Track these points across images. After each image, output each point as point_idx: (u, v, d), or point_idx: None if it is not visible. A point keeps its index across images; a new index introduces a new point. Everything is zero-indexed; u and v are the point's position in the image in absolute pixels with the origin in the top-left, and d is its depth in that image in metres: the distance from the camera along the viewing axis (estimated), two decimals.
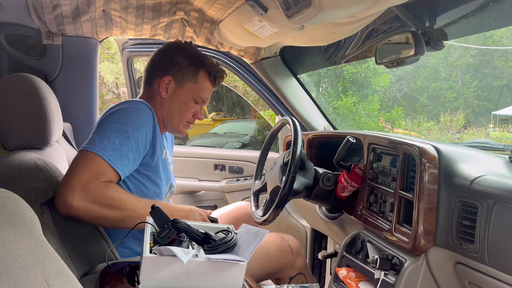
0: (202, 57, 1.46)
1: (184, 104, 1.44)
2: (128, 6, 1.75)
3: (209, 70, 1.46)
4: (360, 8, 1.16)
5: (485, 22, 1.49)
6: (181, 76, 1.43)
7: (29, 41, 1.88)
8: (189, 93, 1.44)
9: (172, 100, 1.43)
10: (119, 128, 1.22)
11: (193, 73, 1.44)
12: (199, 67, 1.45)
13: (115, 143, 1.19)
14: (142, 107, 1.31)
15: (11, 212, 0.54)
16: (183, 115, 1.45)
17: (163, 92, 1.42)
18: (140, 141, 1.26)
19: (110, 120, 1.25)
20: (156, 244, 1.00)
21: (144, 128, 1.27)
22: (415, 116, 11.61)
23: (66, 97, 1.85)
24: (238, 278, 0.99)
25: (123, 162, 1.21)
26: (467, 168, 1.08)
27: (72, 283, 0.56)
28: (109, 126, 1.23)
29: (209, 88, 1.48)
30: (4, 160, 1.16)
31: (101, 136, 1.20)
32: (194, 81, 1.44)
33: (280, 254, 1.59)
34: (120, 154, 1.20)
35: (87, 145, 1.19)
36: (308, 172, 1.46)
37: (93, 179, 1.13)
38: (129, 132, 1.23)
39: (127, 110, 1.28)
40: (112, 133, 1.20)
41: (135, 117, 1.26)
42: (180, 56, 1.43)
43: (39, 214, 1.09)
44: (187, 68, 1.43)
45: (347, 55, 1.99)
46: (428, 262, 1.10)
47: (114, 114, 1.27)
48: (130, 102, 1.32)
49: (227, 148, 5.62)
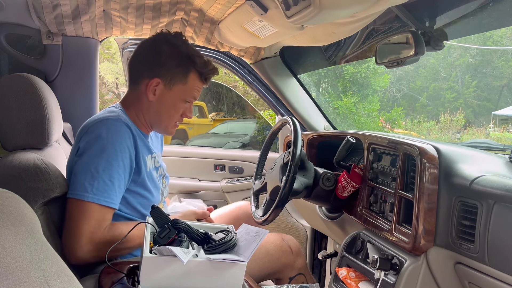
0: (192, 55, 1.35)
1: (172, 106, 1.36)
2: (128, 6, 1.75)
3: (201, 71, 1.37)
4: (360, 8, 1.16)
5: (485, 22, 1.49)
6: (170, 77, 1.33)
7: (29, 41, 1.88)
8: (179, 94, 1.36)
9: (160, 102, 1.35)
10: (104, 163, 1.19)
11: (183, 74, 1.34)
12: (189, 67, 1.35)
13: (105, 182, 1.18)
14: (119, 126, 1.24)
15: (11, 212, 0.54)
16: (171, 117, 1.38)
17: (150, 95, 1.33)
18: (126, 166, 1.24)
19: (91, 152, 1.21)
20: (156, 244, 1.00)
21: (127, 151, 1.24)
22: (415, 116, 11.61)
23: (66, 97, 1.85)
24: (238, 278, 0.99)
25: (118, 196, 1.22)
26: (467, 168, 1.08)
27: (72, 283, 0.56)
28: (93, 162, 1.19)
29: (199, 87, 1.40)
30: (4, 160, 1.16)
31: (89, 178, 1.18)
32: (184, 82, 1.35)
33: (280, 255, 1.59)
34: (113, 191, 1.20)
35: (79, 192, 1.17)
36: (308, 172, 1.46)
37: (96, 229, 1.16)
38: (114, 163, 1.20)
39: (106, 137, 1.22)
40: (99, 172, 1.18)
41: (116, 143, 1.22)
42: (169, 55, 1.33)
43: (39, 214, 1.10)
44: (177, 69, 1.33)
45: (347, 55, 1.99)
46: (428, 262, 1.10)
47: (92, 142, 1.22)
48: (105, 123, 1.24)
49: (227, 148, 5.62)
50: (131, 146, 1.26)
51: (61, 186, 1.17)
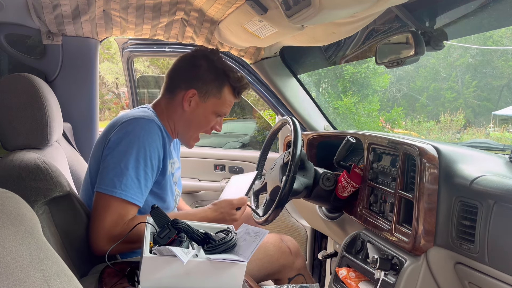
0: (227, 70, 1.42)
1: (204, 118, 1.42)
2: (128, 6, 1.75)
3: (234, 85, 1.43)
4: (360, 8, 1.16)
5: (485, 22, 1.49)
6: (205, 90, 1.39)
7: (29, 41, 1.88)
8: (212, 107, 1.41)
9: (193, 113, 1.41)
10: (134, 161, 1.22)
11: (217, 89, 1.40)
12: (224, 82, 1.41)
13: (133, 179, 1.22)
14: (152, 127, 1.28)
15: (11, 212, 0.54)
16: (201, 128, 1.44)
17: (186, 105, 1.39)
18: (155, 166, 1.28)
19: (122, 147, 1.24)
20: (156, 244, 1.00)
21: (156, 152, 1.27)
22: (415, 116, 11.61)
23: (66, 97, 1.85)
24: (238, 278, 0.99)
25: (143, 194, 1.26)
26: (467, 168, 1.08)
27: (72, 283, 0.56)
28: (123, 158, 1.22)
29: (231, 102, 1.45)
30: (4, 160, 1.16)
31: (118, 174, 1.21)
32: (218, 96, 1.41)
33: (279, 255, 1.59)
34: (139, 188, 1.24)
35: (108, 187, 1.21)
36: (308, 172, 1.46)
37: (117, 224, 1.20)
38: (143, 162, 1.24)
39: (137, 134, 1.25)
40: (128, 169, 1.22)
41: (147, 143, 1.25)
42: (206, 69, 1.40)
43: (39, 214, 1.10)
44: (212, 84, 1.40)
45: (347, 55, 1.98)
46: (428, 262, 1.10)
47: (124, 138, 1.25)
48: (139, 121, 1.29)
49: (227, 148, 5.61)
50: (160, 148, 1.30)
51: (62, 186, 1.16)
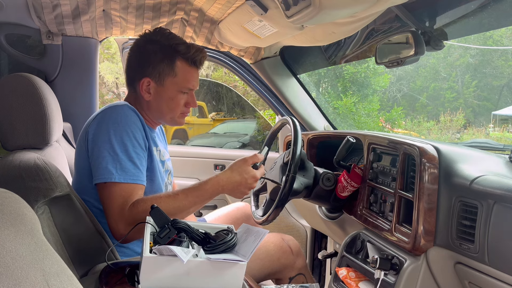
0: (174, 44, 1.33)
1: (171, 100, 1.36)
2: (128, 6, 1.75)
3: (185, 56, 1.34)
4: (360, 8, 1.16)
5: (485, 22, 1.49)
6: (158, 74, 1.33)
7: (29, 41, 1.88)
8: (173, 87, 1.35)
9: (157, 100, 1.36)
10: (120, 145, 1.23)
11: (169, 67, 1.33)
12: (173, 57, 1.33)
13: (126, 162, 1.23)
14: (127, 110, 1.29)
15: (11, 212, 0.54)
16: (173, 110, 1.38)
17: (145, 94, 1.35)
18: (142, 144, 1.28)
19: (103, 136, 1.24)
20: (156, 244, 1.00)
21: (138, 131, 1.28)
22: (415, 116, 11.60)
23: (66, 97, 1.85)
24: (238, 278, 0.99)
25: (143, 172, 1.26)
26: (467, 168, 1.08)
27: (72, 283, 0.55)
28: (107, 145, 1.23)
29: (192, 73, 1.37)
30: (4, 160, 1.16)
31: (110, 161, 1.22)
32: (172, 74, 1.34)
33: (280, 255, 1.59)
34: (136, 169, 1.24)
35: (105, 175, 1.21)
36: (308, 172, 1.46)
37: (125, 206, 1.20)
38: (129, 143, 1.24)
39: (115, 119, 1.25)
40: (118, 154, 1.22)
41: (126, 125, 1.25)
42: (152, 51, 1.33)
43: (39, 214, 1.10)
44: (162, 64, 1.33)
45: (347, 55, 1.99)
46: (428, 262, 1.10)
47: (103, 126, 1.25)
48: (114, 109, 1.29)
49: (227, 148, 5.62)
50: (141, 127, 1.29)
51: (62, 186, 1.16)
